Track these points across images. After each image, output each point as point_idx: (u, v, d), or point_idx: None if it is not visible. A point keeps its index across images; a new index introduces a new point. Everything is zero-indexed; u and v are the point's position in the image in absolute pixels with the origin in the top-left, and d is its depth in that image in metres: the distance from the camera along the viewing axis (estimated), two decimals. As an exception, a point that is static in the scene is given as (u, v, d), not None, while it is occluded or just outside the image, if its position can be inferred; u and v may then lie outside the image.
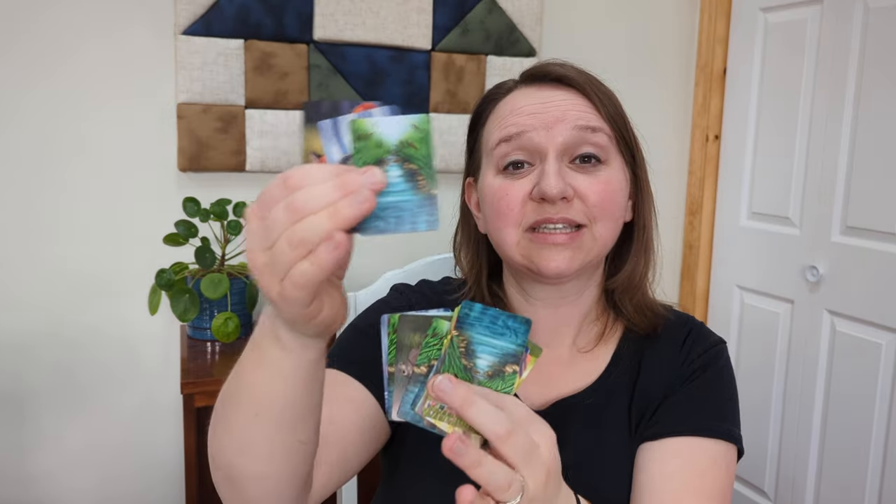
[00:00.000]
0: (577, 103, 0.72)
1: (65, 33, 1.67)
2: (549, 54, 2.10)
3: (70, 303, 1.75)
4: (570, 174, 0.70)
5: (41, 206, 1.71)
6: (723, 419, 0.76)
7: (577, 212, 0.70)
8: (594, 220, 0.71)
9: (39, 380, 1.75)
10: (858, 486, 1.79)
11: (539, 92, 0.73)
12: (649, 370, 0.79)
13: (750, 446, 2.13)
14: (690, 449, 0.73)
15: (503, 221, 0.72)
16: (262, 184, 2.03)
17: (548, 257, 0.70)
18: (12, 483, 1.75)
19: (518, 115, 0.72)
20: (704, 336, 0.82)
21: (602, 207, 0.71)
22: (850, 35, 1.78)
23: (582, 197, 0.70)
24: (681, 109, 2.29)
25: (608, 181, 0.72)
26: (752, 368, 2.12)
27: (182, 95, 1.74)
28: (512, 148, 0.71)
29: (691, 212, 2.29)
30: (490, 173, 0.74)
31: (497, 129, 0.73)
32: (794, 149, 1.95)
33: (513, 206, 0.71)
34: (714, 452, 0.73)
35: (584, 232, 0.71)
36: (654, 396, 0.78)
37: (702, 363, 0.79)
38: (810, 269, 1.89)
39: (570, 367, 0.80)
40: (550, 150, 0.70)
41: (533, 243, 0.71)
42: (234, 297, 1.66)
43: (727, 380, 0.80)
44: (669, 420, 0.75)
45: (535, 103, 0.72)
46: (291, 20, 1.80)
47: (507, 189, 0.71)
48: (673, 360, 0.79)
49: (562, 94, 0.73)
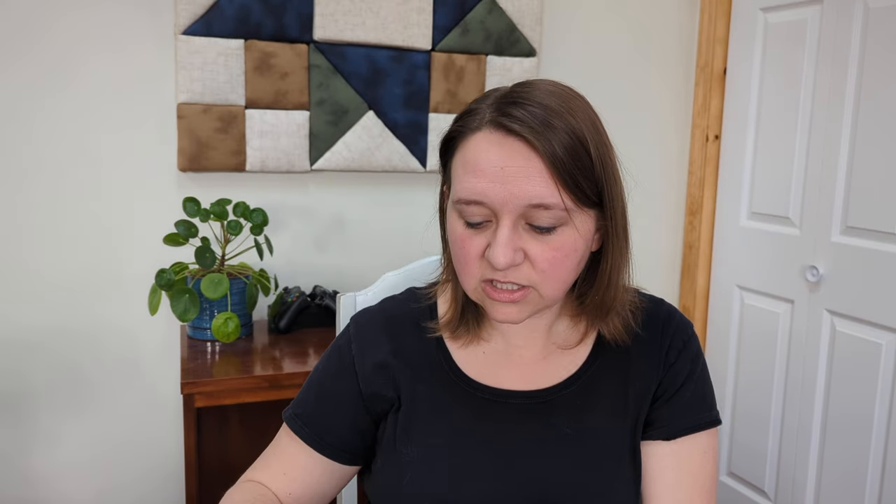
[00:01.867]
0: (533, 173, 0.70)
1: (67, 35, 1.67)
2: (549, 54, 2.10)
3: (70, 303, 1.75)
4: (524, 237, 0.73)
5: (41, 206, 1.71)
6: (711, 407, 0.84)
7: (524, 276, 0.73)
8: (540, 284, 0.74)
9: (39, 379, 1.75)
10: (858, 486, 1.80)
11: (500, 149, 0.71)
12: (636, 356, 0.84)
13: (750, 446, 2.13)
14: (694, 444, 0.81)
15: (461, 268, 0.76)
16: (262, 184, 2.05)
17: (497, 310, 0.75)
18: (12, 483, 1.75)
19: (478, 179, 0.72)
20: (680, 321, 0.87)
21: (550, 273, 0.73)
22: (850, 35, 1.78)
23: (532, 262, 0.73)
24: (681, 109, 2.29)
25: (560, 247, 0.73)
26: (752, 368, 2.12)
27: (182, 95, 1.74)
28: (471, 211, 0.73)
29: (691, 212, 2.29)
30: (454, 214, 0.76)
31: (461, 186, 0.73)
32: (794, 149, 1.95)
33: (469, 261, 0.75)
34: (709, 439, 0.82)
35: (531, 291, 0.74)
36: (647, 383, 0.83)
37: (690, 354, 0.85)
38: (810, 269, 1.89)
39: (548, 362, 0.84)
40: (505, 217, 0.71)
41: (486, 294, 0.75)
42: (234, 298, 1.66)
43: (706, 365, 0.87)
44: (677, 419, 0.82)
45: (494, 167, 0.71)
46: (291, 20, 1.80)
47: (466, 242, 0.75)
48: (655, 347, 0.84)
49: (520, 157, 0.70)
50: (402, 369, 0.84)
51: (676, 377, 0.83)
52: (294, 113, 1.83)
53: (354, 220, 1.97)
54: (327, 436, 0.84)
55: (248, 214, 1.71)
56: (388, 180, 1.99)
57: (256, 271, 1.75)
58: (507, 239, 0.71)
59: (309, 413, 0.85)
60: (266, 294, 1.75)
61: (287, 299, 1.75)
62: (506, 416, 0.81)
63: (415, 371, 0.84)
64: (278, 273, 1.90)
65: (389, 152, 1.93)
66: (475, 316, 0.84)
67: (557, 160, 0.70)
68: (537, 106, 0.71)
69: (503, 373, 0.83)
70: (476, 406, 0.82)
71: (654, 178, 2.30)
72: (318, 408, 0.85)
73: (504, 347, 0.85)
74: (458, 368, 0.84)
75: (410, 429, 0.82)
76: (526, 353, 0.84)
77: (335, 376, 0.86)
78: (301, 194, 1.92)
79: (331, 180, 1.94)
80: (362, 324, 0.88)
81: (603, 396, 0.82)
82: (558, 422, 0.80)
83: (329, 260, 1.96)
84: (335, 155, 1.88)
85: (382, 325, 0.87)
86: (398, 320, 0.88)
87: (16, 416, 1.75)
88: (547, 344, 0.84)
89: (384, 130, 1.91)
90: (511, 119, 0.71)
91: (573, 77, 2.14)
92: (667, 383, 0.83)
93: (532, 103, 0.72)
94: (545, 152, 0.70)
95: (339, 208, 1.96)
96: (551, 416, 0.80)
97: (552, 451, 0.79)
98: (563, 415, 0.81)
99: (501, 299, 0.74)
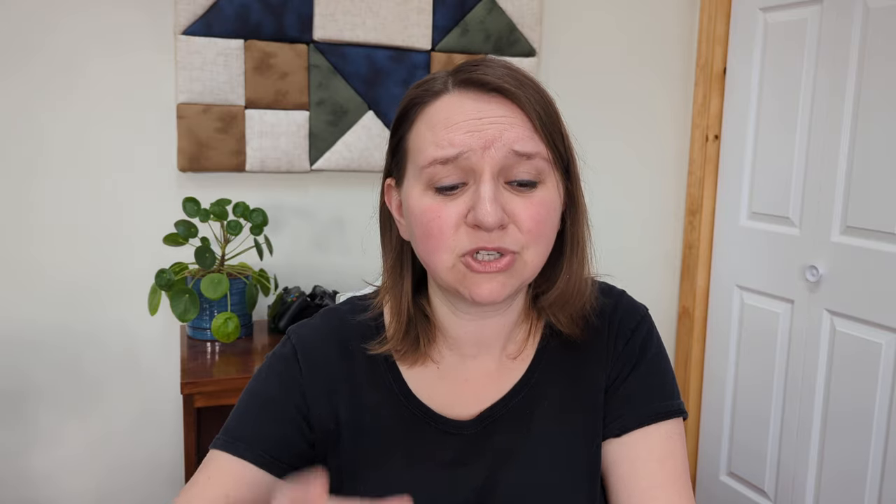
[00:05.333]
0: (515, 121, 0.67)
1: (66, 35, 1.67)
2: (548, 54, 2.10)
3: (70, 303, 1.75)
4: (505, 196, 0.67)
5: (41, 206, 1.71)
6: (670, 396, 0.77)
7: (512, 240, 0.67)
8: (527, 247, 0.68)
9: (39, 379, 1.75)
10: (858, 486, 1.79)
11: (475, 103, 0.67)
12: (584, 349, 0.78)
13: (750, 446, 2.13)
14: (650, 437, 0.75)
15: (434, 245, 0.68)
16: (262, 184, 2.04)
17: (480, 284, 0.67)
18: (12, 483, 1.75)
19: (454, 132, 0.66)
20: (630, 307, 0.80)
21: (536, 233, 0.68)
22: (849, 35, 1.78)
23: (517, 222, 0.67)
24: (681, 109, 2.29)
25: (542, 203, 0.68)
26: (752, 368, 2.12)
27: (182, 95, 1.74)
28: (446, 171, 0.66)
29: (691, 212, 2.29)
30: (418, 188, 0.69)
31: (430, 144, 0.67)
32: (794, 149, 1.95)
33: (445, 230, 0.67)
34: (669, 431, 0.76)
35: (517, 258, 0.68)
36: (596, 375, 0.77)
37: (639, 342, 0.78)
38: (810, 268, 1.89)
39: (497, 376, 0.77)
40: (486, 171, 0.65)
41: (467, 269, 0.68)
42: (233, 298, 1.66)
43: (662, 353, 0.80)
44: (628, 413, 0.76)
45: (471, 118, 0.66)
46: (291, 20, 1.80)
47: (439, 211, 0.67)
48: (603, 337, 0.78)
49: (499, 108, 0.67)
50: (346, 397, 0.76)
51: (623, 366, 0.77)
52: (294, 113, 1.83)
53: (354, 220, 1.97)
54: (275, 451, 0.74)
55: (248, 214, 1.71)
56: (388, 180, 1.99)
57: (256, 271, 1.75)
58: (492, 194, 0.65)
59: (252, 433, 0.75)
60: (266, 294, 1.75)
61: (287, 299, 1.75)
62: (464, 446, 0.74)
63: (362, 397, 0.76)
64: (278, 273, 1.90)
65: (389, 152, 1.93)
66: (424, 331, 0.77)
67: (537, 111, 0.67)
68: (502, 68, 0.69)
69: (462, 393, 0.76)
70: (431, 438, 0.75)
71: (654, 177, 2.29)
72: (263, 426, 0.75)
73: (459, 363, 0.77)
74: (410, 393, 0.76)
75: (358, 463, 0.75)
76: (480, 366, 0.77)
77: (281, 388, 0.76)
78: (301, 194, 1.92)
79: (331, 180, 1.94)
80: (306, 339, 0.79)
81: (551, 399, 0.76)
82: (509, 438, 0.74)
83: (329, 260, 1.96)
84: (335, 155, 1.88)
85: (324, 343, 0.78)
86: (342, 337, 0.79)
87: (16, 415, 1.75)
88: (500, 357, 0.78)
89: (384, 130, 1.91)
90: (477, 72, 0.68)
91: (573, 77, 2.14)
92: (614, 374, 0.77)
93: (496, 66, 0.69)
94: (526, 100, 0.67)
95: (338, 208, 1.96)
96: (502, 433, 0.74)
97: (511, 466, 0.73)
98: (513, 428, 0.75)
99: (488, 269, 0.67)
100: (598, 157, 2.22)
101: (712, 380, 2.27)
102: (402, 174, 0.73)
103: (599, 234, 0.79)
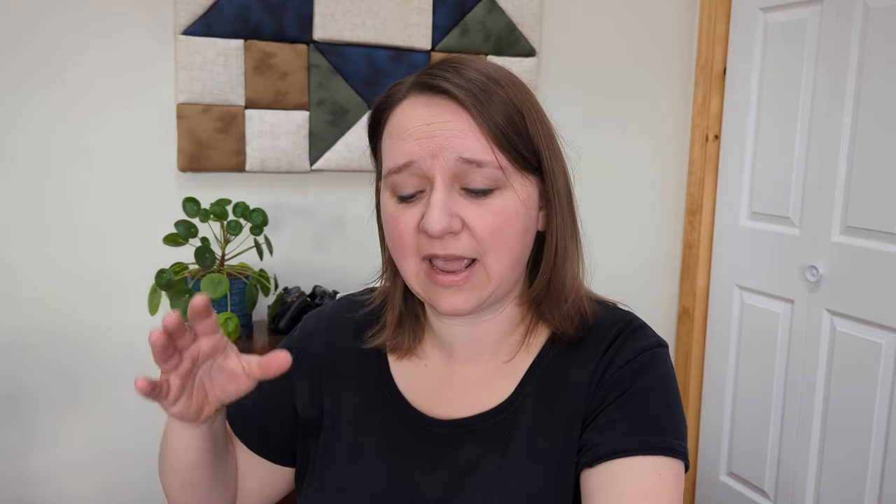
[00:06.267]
0: (463, 128, 0.65)
1: (65, 34, 1.67)
2: (549, 54, 2.10)
3: (70, 303, 1.75)
4: (460, 203, 0.66)
5: (41, 206, 1.71)
6: (662, 433, 0.68)
7: (466, 246, 0.66)
8: (485, 254, 0.67)
9: (39, 380, 1.75)
10: (858, 486, 1.80)
11: (427, 109, 0.67)
12: (574, 379, 0.72)
13: (750, 446, 2.13)
14: (630, 471, 0.66)
15: (399, 251, 0.69)
16: (262, 184, 2.04)
17: (443, 299, 0.68)
18: (11, 484, 1.75)
19: (405, 141, 0.67)
20: (636, 340, 0.73)
21: (492, 241, 0.66)
22: (849, 35, 1.78)
23: (471, 229, 0.66)
24: (680, 109, 2.29)
25: (500, 211, 0.66)
26: (752, 368, 2.12)
27: (182, 96, 1.74)
28: (402, 179, 0.67)
29: (691, 212, 2.29)
30: (387, 194, 0.70)
31: (388, 154, 0.69)
32: (794, 149, 1.95)
33: (405, 236, 0.67)
34: (655, 469, 0.66)
35: (477, 268, 0.67)
36: (577, 409, 0.71)
37: (631, 371, 0.71)
38: (810, 268, 1.89)
39: (485, 384, 0.75)
40: (438, 178, 0.65)
41: (429, 279, 0.68)
42: (234, 298, 1.66)
43: (664, 388, 0.71)
44: (604, 441, 0.68)
45: (420, 125, 0.66)
46: (291, 20, 1.80)
47: (399, 218, 0.68)
48: (593, 366, 0.72)
49: (448, 113, 0.66)
50: (333, 385, 0.79)
51: (608, 394, 0.70)
52: (294, 113, 1.83)
53: (354, 220, 1.97)
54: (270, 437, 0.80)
55: (248, 214, 1.71)
56: (388, 180, 1.98)
57: (256, 271, 1.75)
58: (441, 202, 0.65)
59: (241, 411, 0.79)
60: (266, 294, 1.75)
61: (287, 299, 1.75)
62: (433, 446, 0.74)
63: (347, 386, 0.78)
64: (278, 273, 1.90)
65: (389, 152, 1.93)
66: (413, 328, 0.78)
67: (487, 115, 0.65)
68: (464, 68, 0.67)
69: (444, 394, 0.76)
70: (407, 433, 0.75)
71: (654, 177, 2.29)
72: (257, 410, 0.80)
73: (446, 364, 0.77)
74: (392, 383, 0.77)
75: (330, 451, 0.76)
76: (467, 371, 0.76)
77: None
78: (301, 194, 1.92)
79: (331, 180, 1.94)
80: (309, 325, 0.84)
81: (530, 427, 0.72)
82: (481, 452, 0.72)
83: (329, 260, 1.96)
84: (335, 155, 1.88)
85: (324, 330, 0.82)
86: (343, 325, 0.82)
87: (16, 416, 1.75)
88: (491, 361, 0.76)
89: (384, 130, 1.91)
90: (434, 77, 0.67)
91: (573, 77, 2.14)
92: (597, 401, 0.70)
93: (457, 65, 0.68)
94: (473, 106, 0.65)
95: (338, 208, 1.96)
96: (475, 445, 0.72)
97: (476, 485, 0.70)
98: (487, 446, 0.72)
99: (445, 284, 0.67)
100: (598, 157, 2.22)
101: (712, 380, 2.27)
102: (379, 178, 0.74)
103: (599, 234, 0.79)
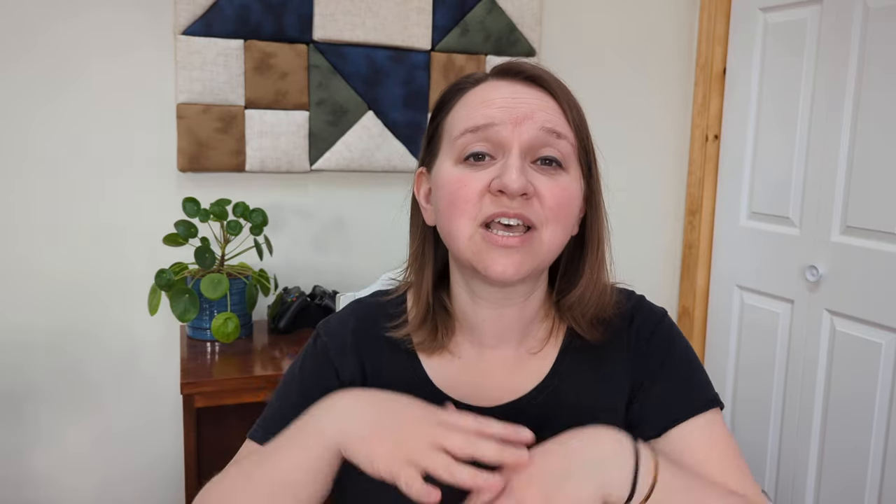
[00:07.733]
0: (547, 105, 0.72)
1: (66, 36, 1.67)
2: (548, 54, 2.10)
3: (70, 303, 1.75)
4: (531, 173, 0.69)
5: (41, 206, 1.71)
6: (701, 388, 0.78)
7: (534, 211, 0.69)
8: (546, 224, 0.70)
9: (39, 380, 1.75)
10: (858, 486, 1.79)
11: (511, 86, 0.72)
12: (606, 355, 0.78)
13: (750, 446, 2.13)
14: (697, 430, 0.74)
15: (458, 212, 0.70)
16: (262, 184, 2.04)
17: (496, 259, 0.69)
18: (13, 483, 1.75)
19: (487, 107, 0.71)
20: (650, 312, 0.81)
21: (557, 211, 0.70)
22: (849, 35, 1.78)
23: (540, 197, 0.69)
24: (680, 109, 2.29)
25: (566, 187, 0.71)
26: (752, 368, 2.12)
27: (182, 95, 1.74)
28: (477, 139, 0.70)
29: (691, 211, 2.29)
30: (448, 162, 0.72)
31: (464, 119, 0.72)
32: (794, 149, 1.95)
33: (469, 197, 0.69)
34: (712, 421, 0.76)
35: (535, 236, 0.70)
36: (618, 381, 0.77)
37: (657, 343, 0.78)
38: (810, 268, 1.89)
39: (516, 370, 0.78)
40: (515, 145, 0.69)
41: (484, 241, 0.69)
42: (233, 298, 1.66)
43: (687, 350, 0.81)
44: (662, 412, 0.75)
45: (506, 97, 0.71)
46: (291, 20, 1.80)
47: (466, 180, 0.70)
48: (623, 342, 0.79)
49: (533, 92, 0.72)
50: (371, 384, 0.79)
51: (650, 366, 0.77)
52: (294, 113, 1.83)
53: (354, 220, 1.97)
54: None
55: (248, 214, 1.71)
56: (388, 180, 1.99)
57: (256, 271, 1.75)
58: (520, 164, 0.68)
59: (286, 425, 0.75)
60: (266, 294, 1.75)
61: (287, 299, 1.75)
62: None
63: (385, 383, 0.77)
64: (278, 273, 1.90)
65: (389, 152, 1.93)
66: (443, 323, 0.79)
67: (567, 100, 0.72)
68: (542, 68, 0.75)
69: (482, 383, 0.77)
70: None
71: (654, 177, 2.29)
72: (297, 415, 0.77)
73: (478, 353, 0.79)
74: (430, 382, 0.78)
75: None
76: (498, 358, 0.78)
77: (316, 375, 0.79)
78: (301, 194, 1.92)
79: (330, 180, 1.94)
80: (333, 329, 0.83)
81: (571, 405, 0.76)
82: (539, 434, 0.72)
83: (329, 260, 1.96)
84: (335, 155, 1.88)
85: (351, 334, 0.82)
86: (367, 328, 0.82)
87: (16, 416, 1.75)
88: (518, 349, 0.79)
89: (384, 130, 1.91)
90: (518, 68, 0.73)
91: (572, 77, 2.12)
92: (641, 376, 0.77)
93: (535, 65, 0.75)
94: (558, 89, 0.72)
95: (338, 208, 1.96)
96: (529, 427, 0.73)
97: None
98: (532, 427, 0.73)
99: (504, 243, 0.68)
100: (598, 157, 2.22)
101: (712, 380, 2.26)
102: (434, 156, 0.76)
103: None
